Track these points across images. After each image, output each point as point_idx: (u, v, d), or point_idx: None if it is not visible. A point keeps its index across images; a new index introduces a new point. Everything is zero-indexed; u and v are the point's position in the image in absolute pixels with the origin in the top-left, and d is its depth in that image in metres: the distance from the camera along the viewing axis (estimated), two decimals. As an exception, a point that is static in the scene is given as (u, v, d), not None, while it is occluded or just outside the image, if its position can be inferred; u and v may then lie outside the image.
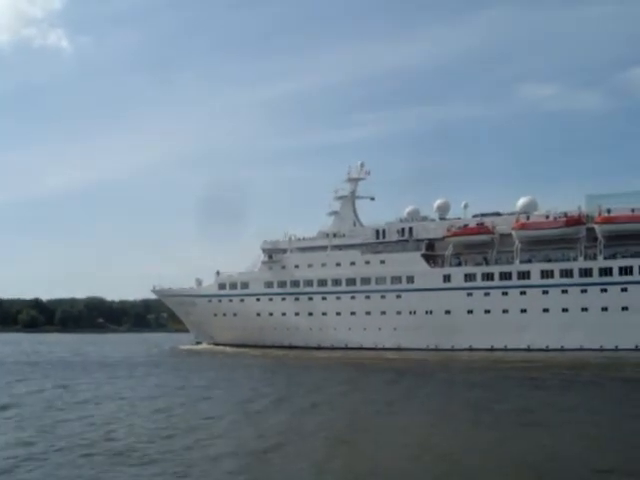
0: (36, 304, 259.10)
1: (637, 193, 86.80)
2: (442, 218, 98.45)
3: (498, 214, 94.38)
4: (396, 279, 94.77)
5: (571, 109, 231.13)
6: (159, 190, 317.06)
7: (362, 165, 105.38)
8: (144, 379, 59.55)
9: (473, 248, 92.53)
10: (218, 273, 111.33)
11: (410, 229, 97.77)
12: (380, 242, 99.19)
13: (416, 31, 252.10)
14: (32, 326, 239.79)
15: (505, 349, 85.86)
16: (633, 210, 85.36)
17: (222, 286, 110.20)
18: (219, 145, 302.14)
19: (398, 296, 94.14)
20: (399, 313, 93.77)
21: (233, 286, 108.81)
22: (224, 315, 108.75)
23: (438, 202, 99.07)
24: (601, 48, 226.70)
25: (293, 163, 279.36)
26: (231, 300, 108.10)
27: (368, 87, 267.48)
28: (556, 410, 39.39)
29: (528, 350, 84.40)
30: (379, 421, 36.21)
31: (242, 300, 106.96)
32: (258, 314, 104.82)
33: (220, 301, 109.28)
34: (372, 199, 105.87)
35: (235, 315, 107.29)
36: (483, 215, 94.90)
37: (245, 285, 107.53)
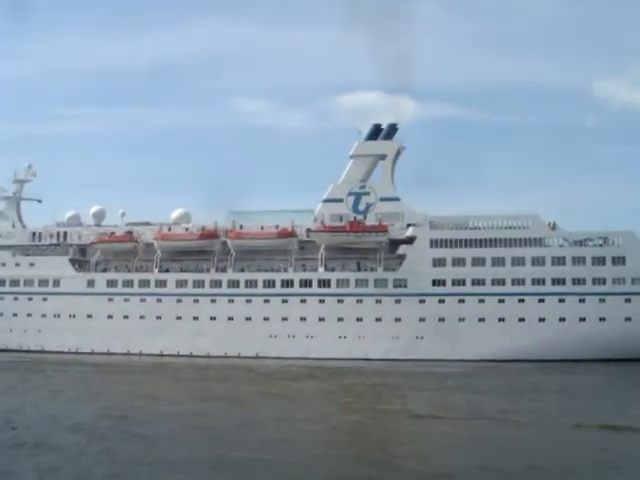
0: None
1: (269, 212, 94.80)
2: (98, 225, 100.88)
3: (149, 224, 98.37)
4: (44, 282, 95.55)
5: (277, 126, 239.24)
6: None
7: (30, 166, 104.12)
8: None
9: (119, 255, 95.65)
10: None
11: (65, 234, 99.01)
12: (33, 245, 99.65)
13: (136, 31, 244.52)
14: None
15: (140, 354, 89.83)
16: (262, 228, 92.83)
17: None
18: None
19: (44, 299, 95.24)
20: (44, 316, 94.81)
21: None
22: None
23: (94, 209, 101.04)
24: (310, 72, 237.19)
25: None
26: None
27: (78, 81, 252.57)
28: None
29: (161, 355, 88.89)
30: None
31: None
32: None
33: None
34: (39, 201, 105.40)
35: None
36: (135, 224, 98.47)
37: None
